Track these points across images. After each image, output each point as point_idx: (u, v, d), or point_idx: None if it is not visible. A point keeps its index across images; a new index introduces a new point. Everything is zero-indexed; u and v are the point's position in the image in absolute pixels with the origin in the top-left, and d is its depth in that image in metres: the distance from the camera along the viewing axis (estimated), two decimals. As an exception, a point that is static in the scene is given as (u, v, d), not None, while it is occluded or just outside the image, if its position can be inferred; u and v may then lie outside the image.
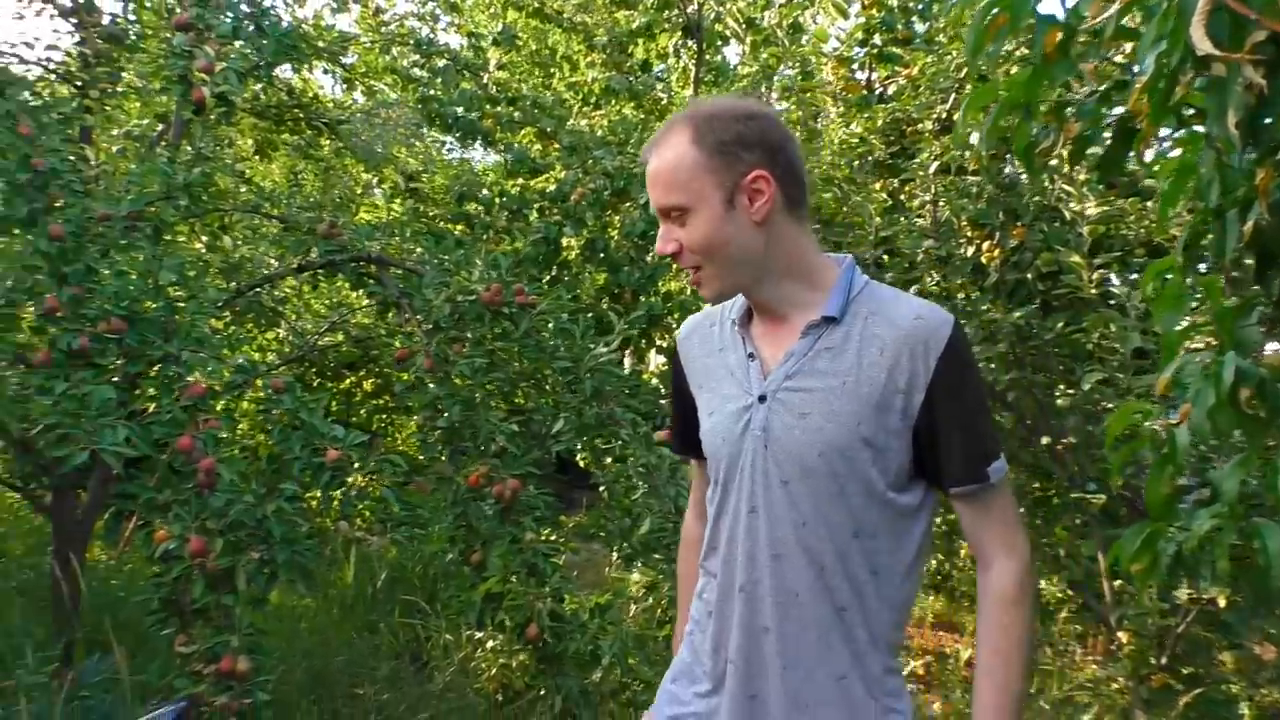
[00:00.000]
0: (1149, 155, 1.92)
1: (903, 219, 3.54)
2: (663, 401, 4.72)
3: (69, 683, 2.73)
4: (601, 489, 3.32)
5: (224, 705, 2.26)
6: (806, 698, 1.33)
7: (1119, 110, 1.40)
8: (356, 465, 2.73)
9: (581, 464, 3.93)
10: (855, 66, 4.76)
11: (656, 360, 5.50)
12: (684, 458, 1.64)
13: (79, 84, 3.94)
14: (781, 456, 1.32)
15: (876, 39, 4.50)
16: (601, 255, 4.95)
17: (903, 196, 3.85)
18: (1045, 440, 3.28)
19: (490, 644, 4.03)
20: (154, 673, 2.97)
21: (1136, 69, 1.23)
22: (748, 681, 1.35)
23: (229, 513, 2.45)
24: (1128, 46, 1.93)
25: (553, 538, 3.25)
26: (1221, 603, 2.85)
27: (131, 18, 4.48)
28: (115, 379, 2.74)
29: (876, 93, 4.39)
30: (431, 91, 5.38)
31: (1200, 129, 1.28)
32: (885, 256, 3.62)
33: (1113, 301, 2.98)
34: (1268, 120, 1.11)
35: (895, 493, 1.32)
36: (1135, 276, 3.02)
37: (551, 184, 5.37)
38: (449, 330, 3.24)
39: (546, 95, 6.44)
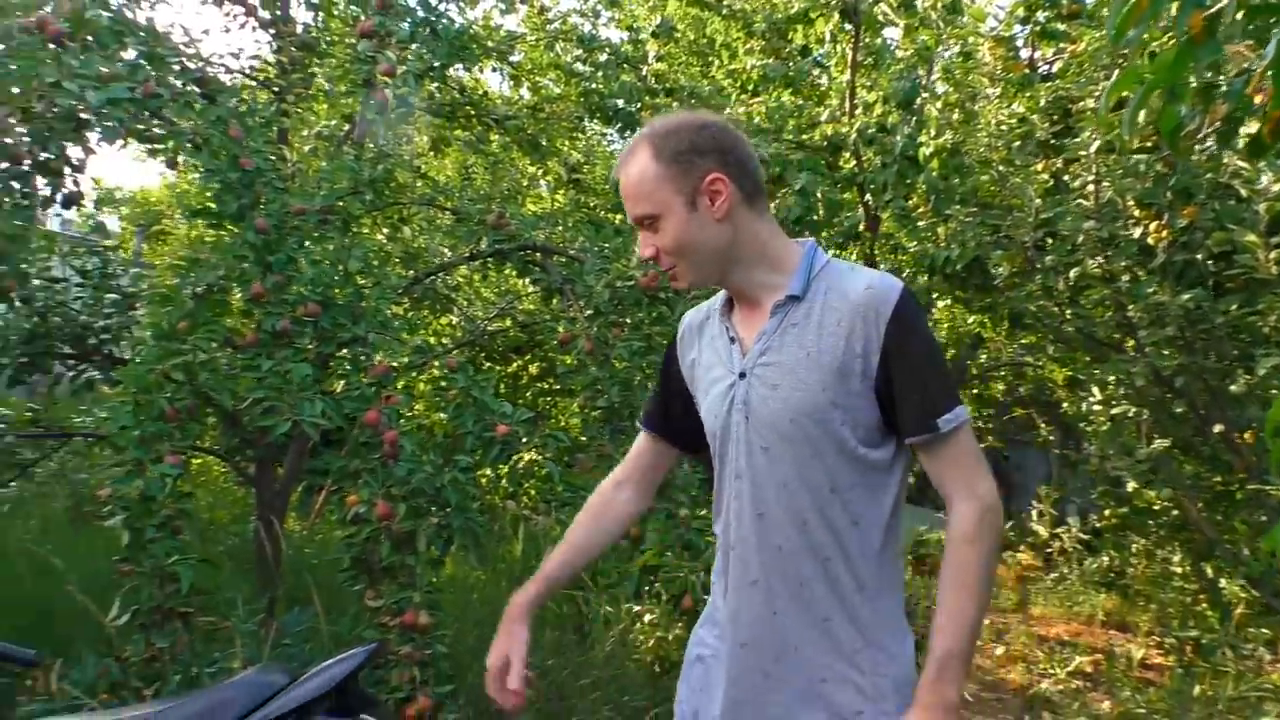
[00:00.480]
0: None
1: (1065, 200, 3.45)
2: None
3: (274, 632, 3.04)
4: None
5: (407, 654, 2.49)
6: (793, 640, 1.46)
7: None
8: (524, 440, 2.91)
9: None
10: (1018, 44, 4.64)
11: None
12: (644, 430, 1.77)
13: (276, 89, 4.30)
14: (760, 425, 1.47)
15: (1040, 15, 4.37)
16: (758, 241, 5.01)
17: (1066, 177, 3.75)
18: (1218, 429, 3.15)
19: (648, 617, 4.18)
20: (346, 624, 3.26)
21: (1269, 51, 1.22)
22: (739, 630, 1.50)
23: (411, 481, 2.68)
24: None
25: (705, 514, 3.38)
26: None
27: (320, 26, 4.85)
28: (311, 359, 3.02)
29: (1039, 71, 4.28)
30: (593, 85, 5.57)
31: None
32: (1047, 239, 3.54)
33: (1293, 282, 2.85)
34: None
35: (867, 449, 1.45)
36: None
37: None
38: (609, 315, 3.39)
39: (704, 85, 6.53)
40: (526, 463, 5.44)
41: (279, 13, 4.42)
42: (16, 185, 2.45)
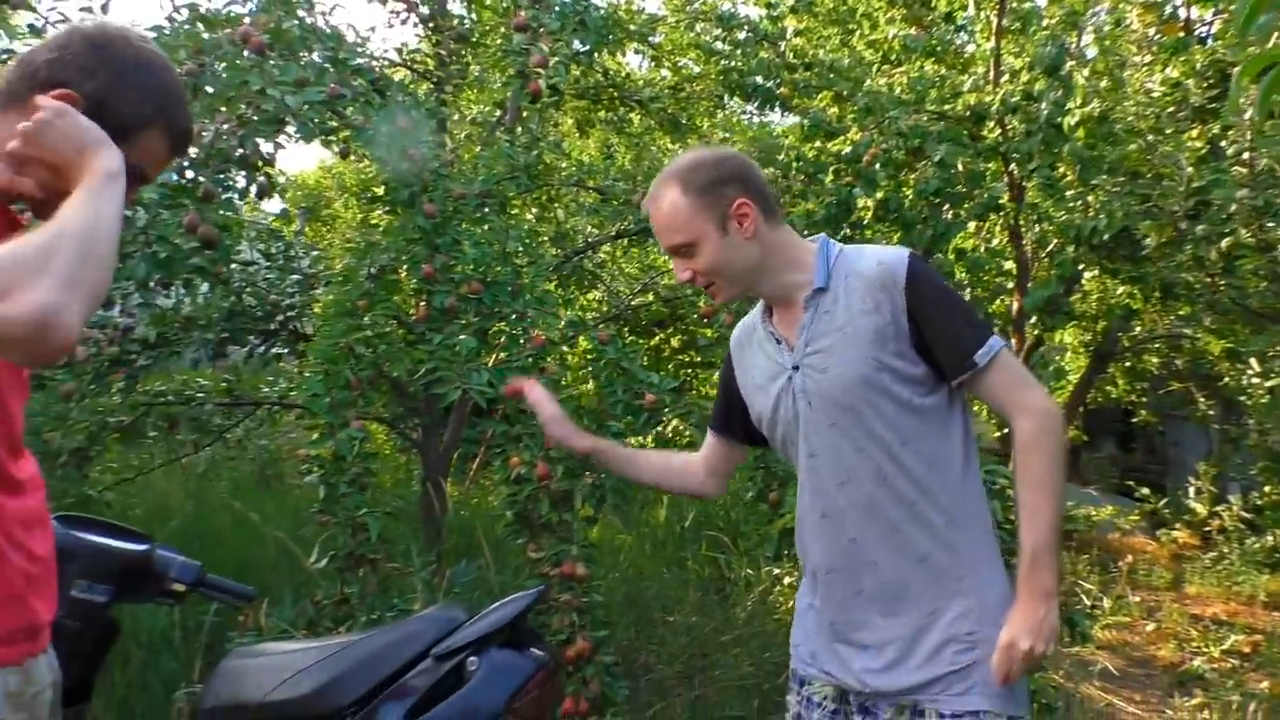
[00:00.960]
0: None
1: (1220, 168, 3.37)
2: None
3: (445, 581, 3.34)
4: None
5: (567, 601, 2.72)
6: (899, 584, 1.64)
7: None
8: (668, 409, 3.09)
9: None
10: (1177, 3, 4.49)
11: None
12: (711, 433, 1.99)
13: (436, 80, 4.60)
14: (821, 405, 1.66)
15: (1198, -25, 4.23)
16: (894, 215, 5.04)
17: (1224, 143, 3.65)
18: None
19: (787, 580, 4.34)
20: (509, 575, 3.56)
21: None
22: (852, 580, 1.68)
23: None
24: None
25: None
26: None
27: (473, 17, 5.13)
28: (474, 333, 3.28)
29: (1195, 34, 4.14)
30: (732, 64, 5.68)
31: None
32: (1199, 208, 3.46)
33: None
34: None
35: (921, 399, 1.63)
36: None
37: (847, 146, 5.50)
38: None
39: (844, 57, 6.54)
40: (671, 430, 5.65)
41: (436, 7, 4.72)
42: (225, 180, 2.78)
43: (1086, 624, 3.31)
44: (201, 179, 2.66)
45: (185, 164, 2.67)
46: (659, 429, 3.64)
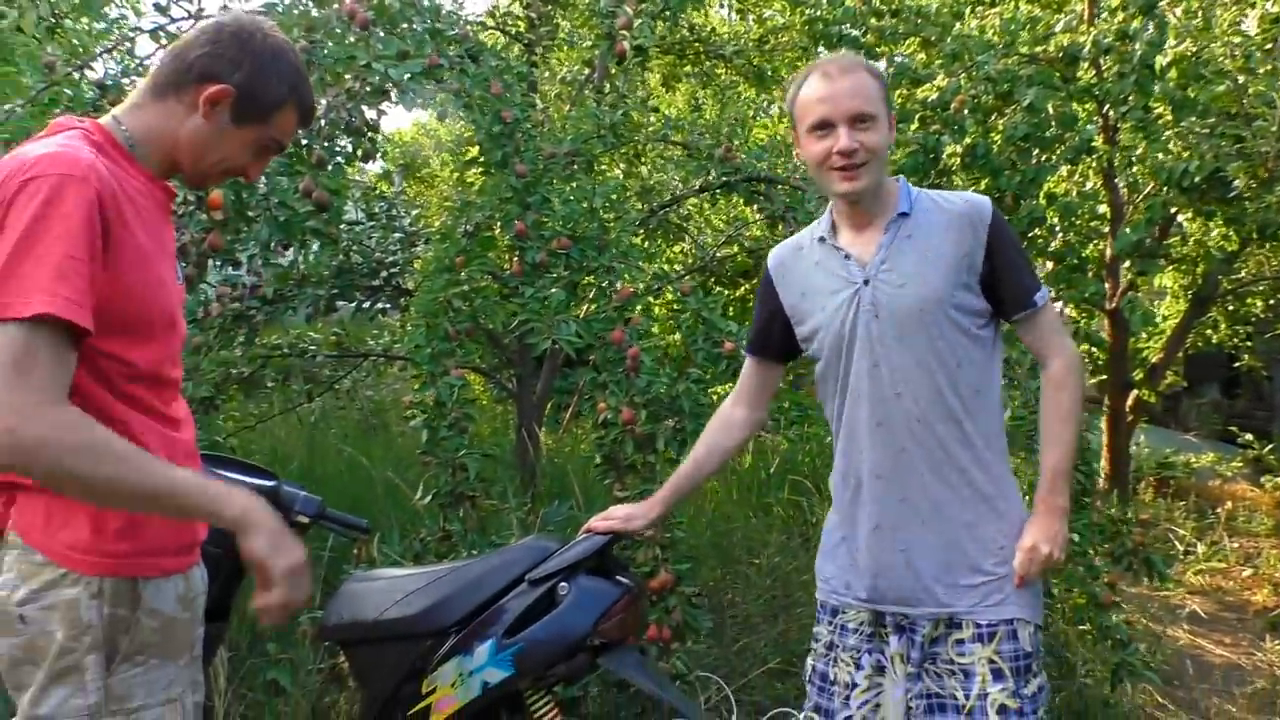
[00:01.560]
0: None
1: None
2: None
3: (539, 520, 3.57)
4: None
5: (650, 537, 2.91)
6: (942, 489, 1.82)
7: None
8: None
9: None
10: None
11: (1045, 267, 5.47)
12: (750, 355, 2.16)
13: (526, 42, 4.75)
14: (891, 319, 1.83)
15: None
16: (982, 161, 5.01)
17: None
18: None
19: (868, 523, 4.46)
20: (597, 512, 3.76)
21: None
22: (899, 488, 1.84)
23: (650, 391, 3.07)
24: None
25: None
26: None
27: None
28: (564, 286, 3.46)
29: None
30: (817, 13, 5.66)
31: None
32: (1293, 148, 3.39)
33: None
34: None
35: (979, 329, 1.85)
36: None
37: (934, 93, 5.47)
38: (829, 240, 3.62)
39: (933, 2, 6.44)
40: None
41: (527, -30, 4.86)
42: (335, 147, 3.01)
43: (1163, 565, 3.36)
44: (315, 147, 2.89)
45: (301, 134, 2.89)
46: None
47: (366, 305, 4.73)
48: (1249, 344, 7.70)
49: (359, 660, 2.30)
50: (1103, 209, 5.74)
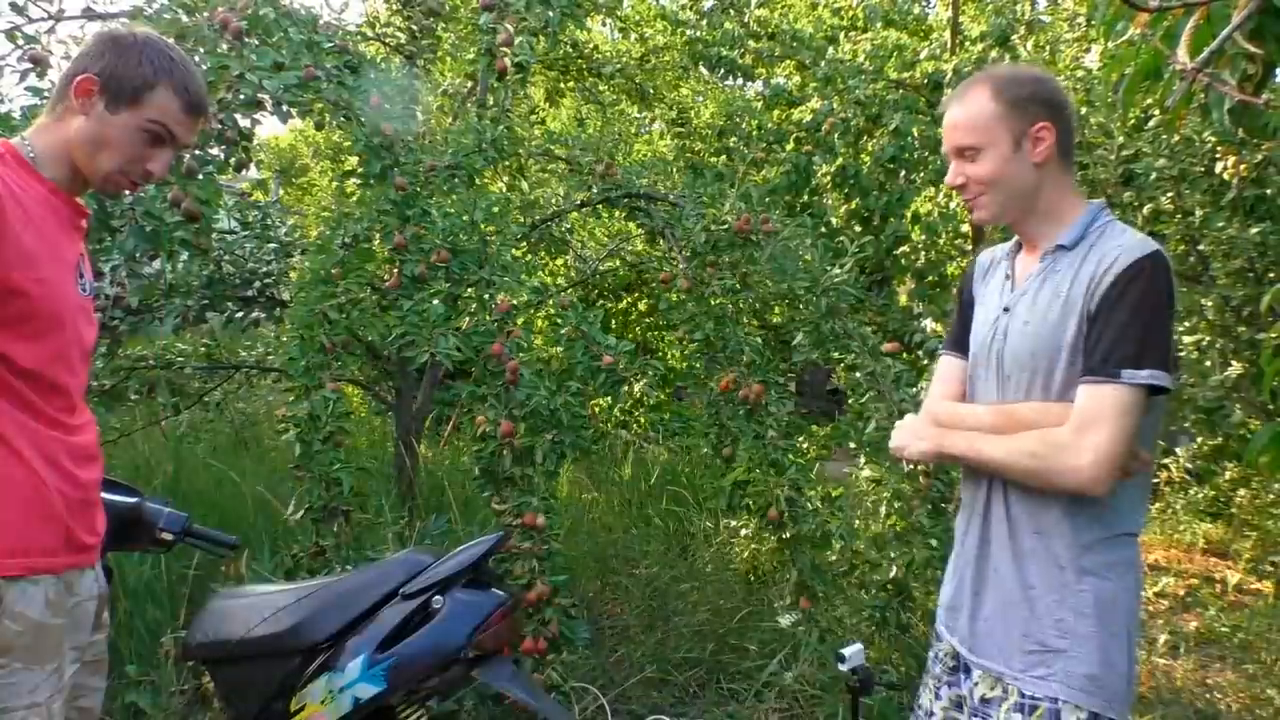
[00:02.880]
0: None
1: (1146, 138, 3.59)
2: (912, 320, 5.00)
3: (415, 534, 3.55)
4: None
5: (528, 549, 2.94)
6: (1020, 540, 1.69)
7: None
8: (625, 369, 3.30)
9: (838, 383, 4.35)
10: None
11: (910, 284, 5.72)
12: (950, 353, 1.96)
13: (408, 54, 4.72)
14: (1008, 354, 1.71)
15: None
16: (852, 181, 5.24)
17: (1156, 113, 3.86)
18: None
19: (744, 532, 4.58)
20: (475, 527, 3.77)
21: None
22: (983, 526, 1.75)
23: (529, 404, 3.11)
24: None
25: (800, 441, 3.71)
26: None
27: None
28: (443, 299, 3.46)
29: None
30: (697, 33, 5.81)
31: None
32: (1130, 175, 3.68)
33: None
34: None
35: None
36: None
37: (808, 114, 5.68)
38: (705, 255, 3.73)
39: (809, 26, 6.68)
40: (638, 393, 5.84)
41: (409, -19, 4.83)
42: (208, 155, 2.94)
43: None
44: (185, 156, 2.82)
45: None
46: (625, 390, 3.85)
47: (239, 316, 4.61)
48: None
49: (225, 679, 2.26)
50: (965, 228, 6.05)
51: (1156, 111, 3.53)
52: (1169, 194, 3.38)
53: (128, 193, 1.85)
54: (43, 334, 1.55)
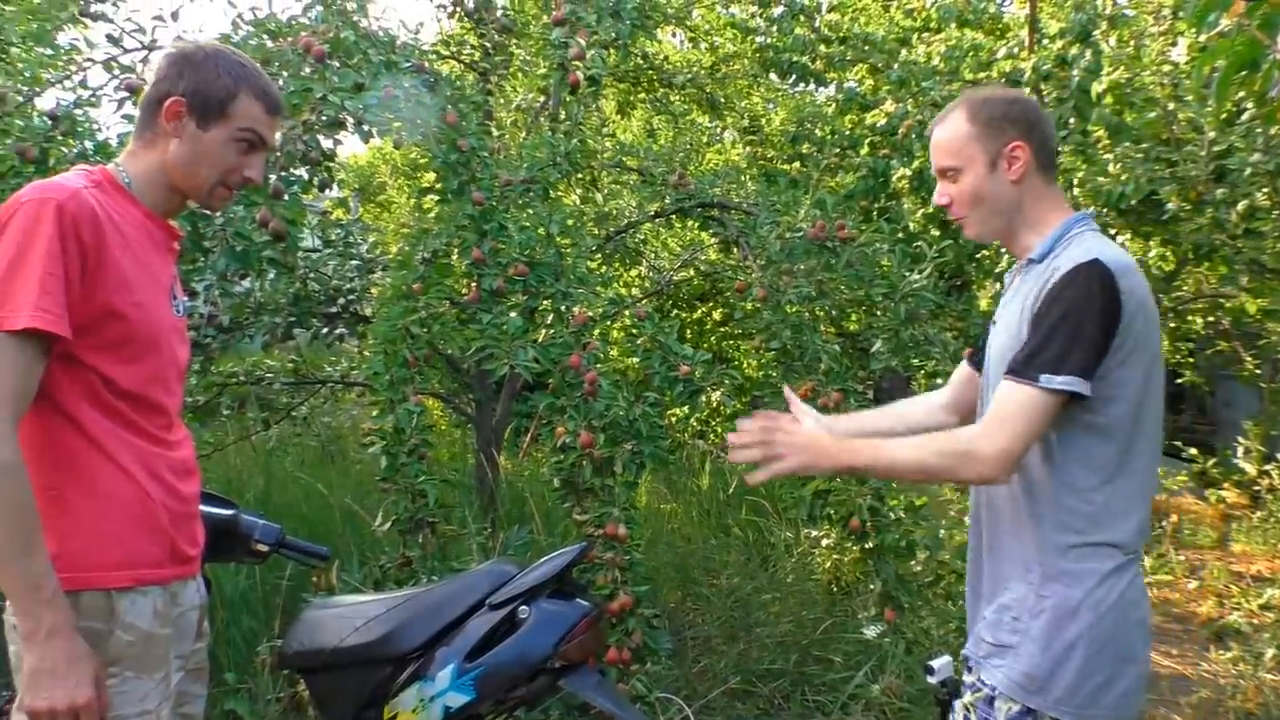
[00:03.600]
0: None
1: (1239, 133, 3.46)
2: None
3: (499, 546, 3.59)
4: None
5: (610, 559, 2.95)
6: (1000, 536, 1.75)
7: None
8: (703, 378, 3.29)
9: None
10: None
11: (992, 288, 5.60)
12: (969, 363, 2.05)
13: (482, 71, 4.81)
14: (990, 361, 1.80)
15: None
16: (930, 185, 5.15)
17: (1249, 106, 3.72)
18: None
19: (825, 542, 4.53)
20: (557, 538, 3.80)
21: None
22: (977, 529, 1.83)
23: (608, 415, 3.12)
24: None
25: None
26: None
27: (517, 9, 5.32)
28: (521, 312, 3.50)
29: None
30: (767, 40, 5.79)
31: None
32: (1222, 171, 3.54)
33: None
34: None
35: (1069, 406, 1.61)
36: None
37: (882, 118, 5.60)
38: (780, 263, 3.71)
39: (881, 28, 6.60)
40: (714, 403, 5.83)
41: (482, 2, 4.92)
42: (293, 176, 3.04)
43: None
44: (271, 178, 2.92)
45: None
46: (702, 400, 3.83)
47: (324, 332, 4.73)
48: (1191, 360, 7.90)
49: (319, 687, 2.30)
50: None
51: (1251, 104, 3.41)
52: (1264, 189, 3.25)
53: (219, 212, 1.90)
54: (140, 356, 1.61)
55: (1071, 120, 4.74)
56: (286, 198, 2.93)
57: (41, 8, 3.41)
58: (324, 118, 2.96)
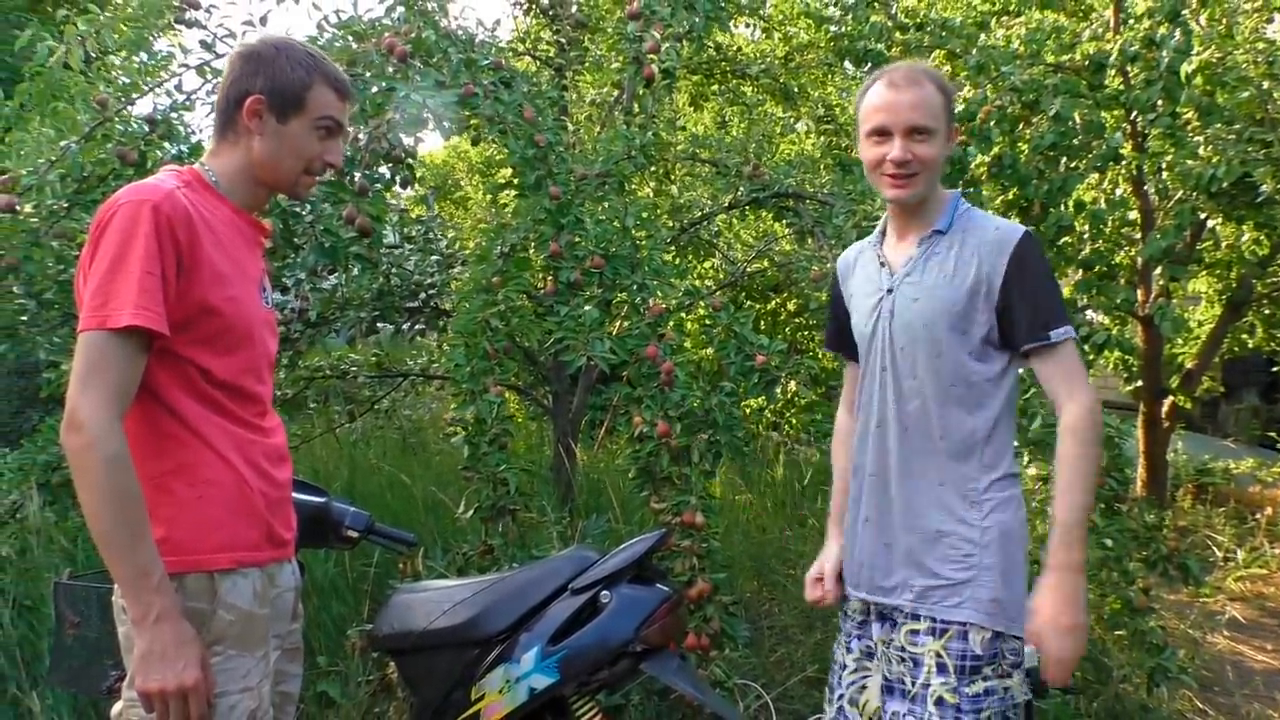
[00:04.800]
0: None
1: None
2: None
3: (578, 533, 3.65)
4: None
5: (687, 547, 2.98)
6: (923, 491, 1.90)
7: None
8: (779, 368, 3.30)
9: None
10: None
11: (1075, 275, 5.48)
12: (835, 355, 2.28)
13: (557, 66, 4.86)
14: (900, 329, 1.93)
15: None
16: (1009, 170, 5.05)
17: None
18: None
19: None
20: (635, 526, 3.84)
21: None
22: (885, 487, 1.96)
23: (684, 405, 3.15)
24: None
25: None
26: None
27: (591, 4, 5.37)
28: (597, 304, 3.54)
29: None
30: (842, 29, 5.74)
31: None
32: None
33: None
34: None
35: (985, 354, 1.88)
36: None
37: (960, 104, 5.51)
38: (857, 253, 3.68)
39: (958, 14, 6.49)
40: (790, 394, 5.82)
41: (556, -2, 4.98)
42: (377, 174, 3.12)
43: (1197, 570, 3.38)
44: (357, 175, 3.01)
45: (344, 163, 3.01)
46: (778, 390, 3.83)
47: (406, 326, 4.85)
48: (1290, 347, 7.62)
49: (409, 668, 2.38)
50: (1133, 215, 5.75)
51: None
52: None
53: (308, 209, 1.96)
54: (234, 348, 1.68)
55: (1160, 103, 4.61)
56: (371, 195, 3.01)
57: (138, 16, 3.55)
58: (406, 116, 3.04)
